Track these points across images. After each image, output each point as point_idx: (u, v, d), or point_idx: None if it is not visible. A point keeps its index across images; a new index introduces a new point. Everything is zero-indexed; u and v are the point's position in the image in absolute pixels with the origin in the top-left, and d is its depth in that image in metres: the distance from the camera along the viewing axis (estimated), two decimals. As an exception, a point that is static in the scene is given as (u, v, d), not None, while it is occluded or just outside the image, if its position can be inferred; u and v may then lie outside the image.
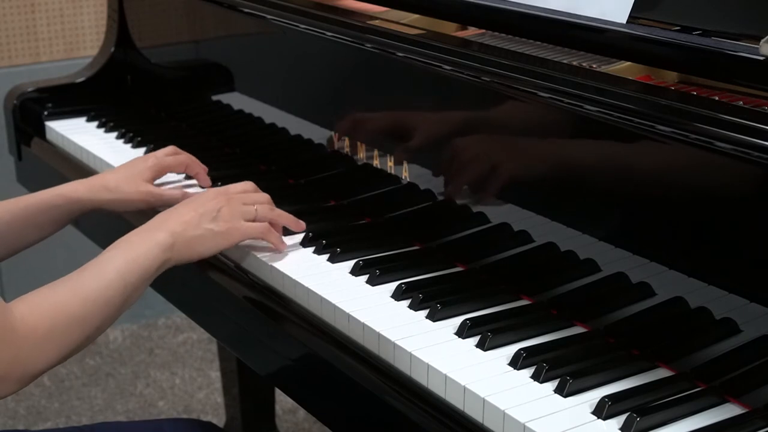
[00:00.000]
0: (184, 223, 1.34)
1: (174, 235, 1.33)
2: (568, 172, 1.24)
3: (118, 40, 2.12)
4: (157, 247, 1.30)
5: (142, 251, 1.29)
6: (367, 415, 1.20)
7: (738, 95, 1.15)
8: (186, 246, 1.34)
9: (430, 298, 1.26)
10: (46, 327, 1.18)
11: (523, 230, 1.30)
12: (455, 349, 1.17)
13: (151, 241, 1.31)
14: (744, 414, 1.05)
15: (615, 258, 1.20)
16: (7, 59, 2.85)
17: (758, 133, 1.02)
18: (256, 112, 1.77)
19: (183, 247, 1.33)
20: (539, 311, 1.24)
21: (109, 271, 1.26)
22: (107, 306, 1.24)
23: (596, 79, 1.20)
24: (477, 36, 1.45)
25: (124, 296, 1.26)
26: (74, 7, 2.91)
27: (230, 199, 1.40)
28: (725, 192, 1.08)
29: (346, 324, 1.25)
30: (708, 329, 1.12)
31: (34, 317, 1.17)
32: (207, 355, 2.97)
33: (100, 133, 1.96)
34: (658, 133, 1.11)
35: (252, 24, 1.75)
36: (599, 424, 1.04)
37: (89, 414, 2.70)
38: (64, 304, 1.21)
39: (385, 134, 1.48)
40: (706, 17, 1.23)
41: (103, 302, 1.23)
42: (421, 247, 1.43)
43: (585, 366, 1.12)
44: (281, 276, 1.36)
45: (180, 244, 1.33)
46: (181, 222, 1.35)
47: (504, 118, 1.32)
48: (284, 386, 1.43)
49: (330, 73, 1.59)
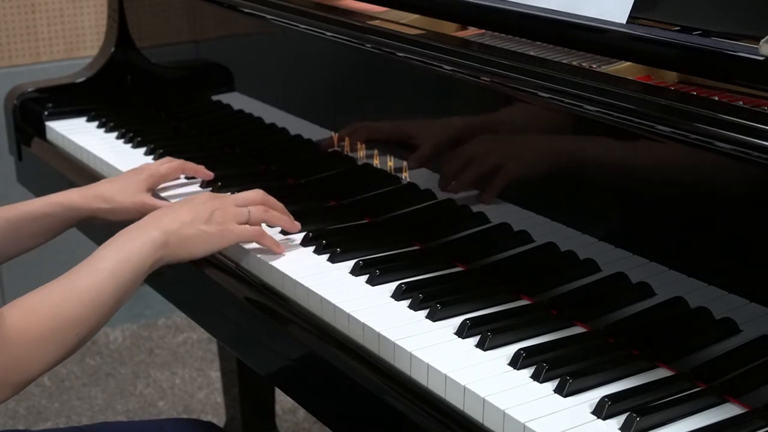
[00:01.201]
0: (178, 222, 1.34)
1: (167, 233, 1.32)
2: (568, 172, 1.24)
3: (118, 40, 2.12)
4: (150, 245, 1.30)
5: (134, 250, 1.29)
6: (367, 415, 1.20)
7: (738, 95, 1.15)
8: (179, 245, 1.33)
9: (430, 298, 1.26)
10: (40, 331, 1.17)
11: (523, 230, 1.30)
12: (455, 349, 1.17)
13: (144, 239, 1.30)
14: (744, 414, 1.05)
15: (615, 258, 1.20)
16: (7, 59, 2.85)
17: (758, 133, 1.02)
18: (256, 112, 1.77)
19: (176, 246, 1.33)
20: (539, 311, 1.24)
21: (102, 270, 1.25)
22: (101, 306, 1.24)
23: (596, 79, 1.20)
24: (477, 36, 1.45)
25: (117, 296, 1.26)
26: (74, 7, 2.91)
27: (224, 202, 1.40)
28: (725, 192, 1.08)
29: (346, 324, 1.25)
30: (708, 329, 1.12)
31: (27, 322, 1.17)
32: (207, 355, 2.97)
33: (101, 133, 1.96)
34: (658, 133, 1.11)
35: (252, 24, 1.75)
36: (599, 424, 1.04)
37: (89, 414, 2.70)
38: (58, 306, 1.20)
39: (385, 134, 1.48)
40: (706, 17, 1.23)
41: (98, 303, 1.23)
42: (421, 247, 1.43)
43: (585, 366, 1.12)
44: (281, 276, 1.36)
45: (173, 242, 1.33)
46: (175, 221, 1.34)
47: (504, 118, 1.32)
48: (284, 386, 1.43)
49: (330, 73, 1.59)
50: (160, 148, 1.81)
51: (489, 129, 1.34)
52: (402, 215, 1.48)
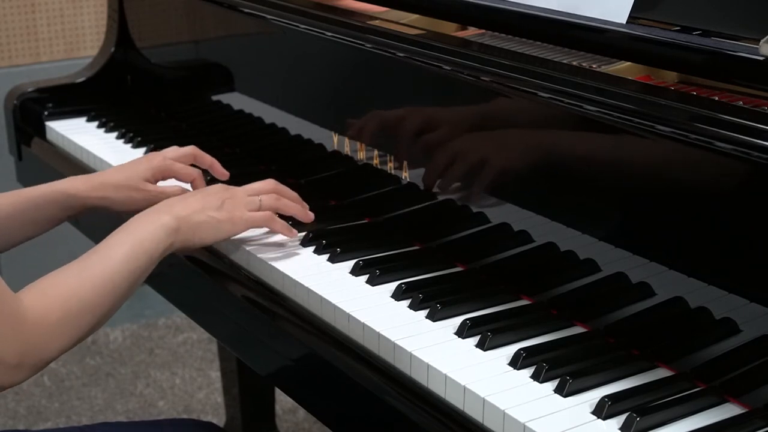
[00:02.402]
0: (190, 209, 1.35)
1: (179, 219, 1.33)
2: (568, 172, 1.24)
3: (118, 40, 2.12)
4: (162, 230, 1.31)
5: (147, 234, 1.30)
6: (367, 415, 1.20)
7: (738, 95, 1.15)
8: (190, 231, 1.34)
9: (430, 298, 1.26)
10: (57, 314, 1.18)
11: (523, 230, 1.30)
12: (455, 349, 1.17)
13: (157, 224, 1.31)
14: (744, 414, 1.05)
15: (615, 258, 1.20)
16: (7, 59, 2.85)
17: (758, 133, 1.02)
18: (256, 112, 1.77)
19: (187, 232, 1.34)
20: (539, 311, 1.24)
21: (116, 255, 1.26)
22: (115, 290, 1.25)
23: (596, 79, 1.20)
24: (477, 36, 1.45)
25: (131, 280, 1.26)
26: (74, 7, 2.91)
27: (235, 192, 1.41)
28: (725, 192, 1.08)
29: (346, 324, 1.25)
30: (708, 329, 1.12)
31: (44, 304, 1.18)
32: (207, 355, 2.97)
33: (101, 133, 1.96)
34: (658, 133, 1.11)
35: (252, 24, 1.75)
36: (599, 423, 1.04)
37: (89, 414, 2.70)
38: (74, 289, 1.21)
39: (385, 134, 1.48)
40: (706, 17, 1.23)
41: (111, 287, 1.24)
42: (421, 247, 1.43)
43: (585, 366, 1.12)
44: (281, 276, 1.36)
45: (185, 228, 1.33)
46: (187, 207, 1.35)
47: (504, 118, 1.32)
48: (284, 386, 1.43)
49: (330, 73, 1.59)
50: (161, 148, 1.81)
51: (489, 129, 1.34)
52: (402, 215, 1.48)
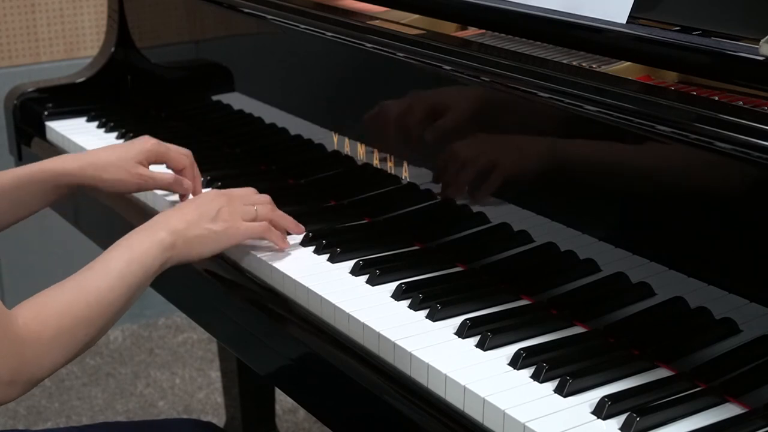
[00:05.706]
0: (185, 222, 1.34)
1: (175, 234, 1.32)
2: (568, 172, 1.24)
3: (118, 40, 2.12)
4: (158, 246, 1.30)
5: (143, 251, 1.29)
6: (367, 414, 1.20)
7: (738, 95, 1.15)
8: (187, 245, 1.34)
9: (430, 298, 1.26)
10: (51, 331, 1.18)
11: (523, 230, 1.30)
12: (455, 349, 1.17)
13: (153, 240, 1.31)
14: (744, 414, 1.05)
15: (615, 258, 1.20)
16: (7, 59, 2.85)
17: (758, 133, 1.02)
18: (256, 112, 1.77)
19: (184, 247, 1.33)
20: (539, 311, 1.24)
21: (111, 271, 1.25)
22: (111, 307, 1.24)
23: (596, 79, 1.20)
24: (477, 36, 1.45)
25: (126, 296, 1.26)
26: (74, 7, 2.91)
27: (231, 200, 1.40)
28: (725, 192, 1.08)
29: (346, 324, 1.25)
30: (708, 329, 1.12)
31: (38, 322, 1.17)
32: (207, 355, 2.97)
33: (101, 133, 1.96)
34: (658, 133, 1.11)
35: (252, 24, 1.75)
36: (599, 423, 1.04)
37: (89, 414, 2.70)
38: (68, 306, 1.20)
39: (385, 134, 1.48)
40: (706, 17, 1.23)
41: (106, 303, 1.23)
42: (421, 247, 1.43)
43: (585, 366, 1.12)
44: (281, 276, 1.36)
45: (181, 243, 1.33)
46: (183, 221, 1.34)
47: (504, 118, 1.32)
48: (284, 386, 1.43)
49: (330, 73, 1.59)
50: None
51: (489, 129, 1.34)
52: (402, 215, 1.48)
